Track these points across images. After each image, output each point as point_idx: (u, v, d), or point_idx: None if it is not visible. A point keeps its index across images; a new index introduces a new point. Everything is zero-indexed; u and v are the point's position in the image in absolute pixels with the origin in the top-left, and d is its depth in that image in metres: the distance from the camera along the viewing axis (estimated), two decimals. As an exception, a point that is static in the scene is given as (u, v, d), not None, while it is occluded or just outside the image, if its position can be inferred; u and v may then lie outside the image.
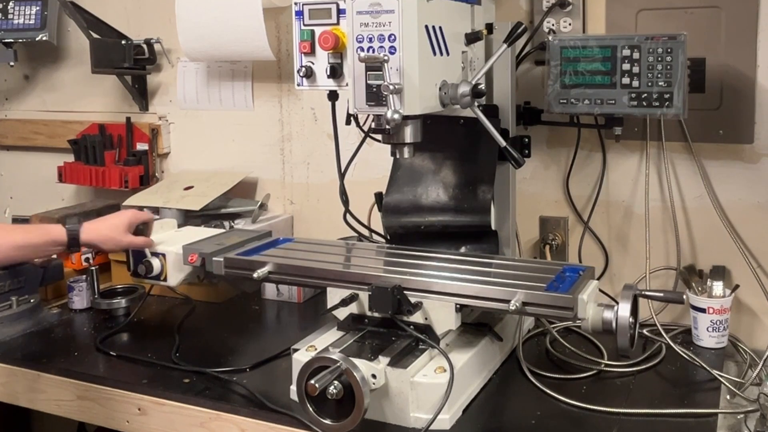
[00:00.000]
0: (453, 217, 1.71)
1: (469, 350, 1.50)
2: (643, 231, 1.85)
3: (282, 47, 2.27)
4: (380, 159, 1.91)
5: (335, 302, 1.50)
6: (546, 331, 1.77)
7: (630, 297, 1.37)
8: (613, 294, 1.91)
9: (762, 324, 1.81)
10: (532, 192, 2.00)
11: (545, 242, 1.98)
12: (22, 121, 2.76)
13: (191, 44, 2.25)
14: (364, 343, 1.44)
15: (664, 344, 1.69)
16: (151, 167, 2.46)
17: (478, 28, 1.66)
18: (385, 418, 1.39)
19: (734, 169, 1.80)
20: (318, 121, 2.28)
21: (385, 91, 1.38)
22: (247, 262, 1.65)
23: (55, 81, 2.70)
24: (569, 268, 1.54)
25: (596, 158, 1.93)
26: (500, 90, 1.74)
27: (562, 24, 1.88)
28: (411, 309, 1.44)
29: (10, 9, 2.51)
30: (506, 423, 1.44)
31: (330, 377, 1.28)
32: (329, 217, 2.16)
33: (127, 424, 1.59)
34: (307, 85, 1.67)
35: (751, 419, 1.41)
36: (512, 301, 1.37)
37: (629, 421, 1.41)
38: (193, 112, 2.47)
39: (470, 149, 1.71)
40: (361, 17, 1.41)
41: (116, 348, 1.78)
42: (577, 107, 1.70)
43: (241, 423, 1.47)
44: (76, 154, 2.50)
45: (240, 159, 2.40)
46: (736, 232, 1.80)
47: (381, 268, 1.59)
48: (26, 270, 1.96)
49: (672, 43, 1.60)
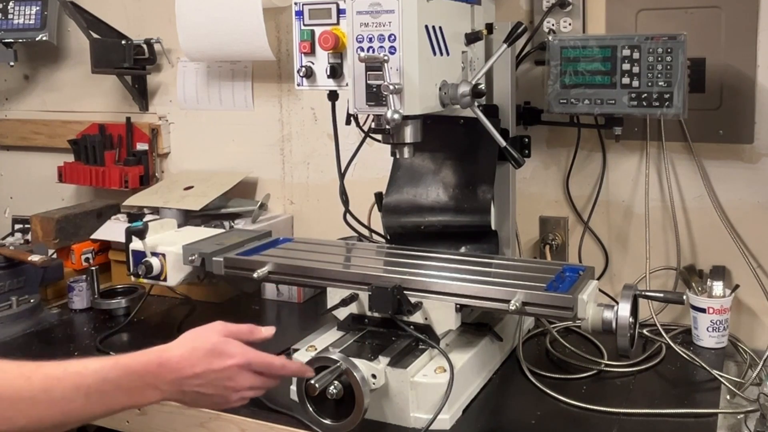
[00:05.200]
0: (453, 217, 1.71)
1: (469, 350, 1.50)
2: (643, 231, 1.85)
3: (282, 47, 2.27)
4: (380, 159, 1.91)
5: (335, 302, 1.50)
6: (546, 331, 1.77)
7: (630, 297, 1.37)
8: (613, 294, 1.91)
9: (762, 324, 1.81)
10: (532, 192, 2.00)
11: (545, 242, 1.98)
12: (22, 121, 2.76)
13: (191, 44, 2.25)
14: (364, 343, 1.44)
15: (664, 344, 1.69)
16: (151, 167, 2.46)
17: (478, 28, 1.66)
18: (385, 418, 1.39)
19: (734, 169, 1.80)
20: (318, 121, 2.28)
21: (385, 91, 1.38)
22: (247, 262, 1.65)
23: (55, 81, 2.70)
24: (569, 268, 1.54)
25: (596, 158, 1.93)
26: (500, 90, 1.74)
27: (562, 24, 1.88)
28: (411, 309, 1.44)
29: (10, 9, 2.50)
30: (506, 423, 1.44)
31: (330, 377, 1.28)
32: (329, 217, 2.16)
33: (127, 424, 1.59)
34: (307, 85, 1.67)
35: (751, 419, 1.41)
36: (512, 301, 1.37)
37: (629, 421, 1.41)
38: (193, 112, 2.47)
39: (470, 149, 1.71)
40: (361, 17, 1.41)
41: (116, 348, 1.78)
42: (577, 107, 1.70)
43: (241, 423, 1.47)
44: (76, 154, 2.50)
45: (240, 159, 2.40)
46: (736, 232, 1.80)
47: (381, 268, 1.59)
48: (26, 270, 1.96)
49: (672, 43, 1.60)
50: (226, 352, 1.21)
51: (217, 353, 1.20)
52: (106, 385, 1.13)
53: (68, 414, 1.10)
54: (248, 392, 1.25)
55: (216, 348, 1.21)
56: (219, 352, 1.21)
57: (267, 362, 1.25)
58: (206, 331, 1.24)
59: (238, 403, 1.25)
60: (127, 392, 1.15)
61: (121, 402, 1.16)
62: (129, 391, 1.15)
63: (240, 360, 1.21)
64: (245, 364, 1.22)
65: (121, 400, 1.15)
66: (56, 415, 1.09)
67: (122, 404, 1.16)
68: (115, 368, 1.15)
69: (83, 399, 1.11)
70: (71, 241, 2.24)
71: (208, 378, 1.20)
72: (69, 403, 1.10)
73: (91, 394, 1.11)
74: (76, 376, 1.12)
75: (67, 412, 1.10)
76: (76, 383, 1.11)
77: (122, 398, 1.15)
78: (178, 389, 1.19)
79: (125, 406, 1.17)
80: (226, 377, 1.21)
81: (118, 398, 1.15)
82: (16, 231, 2.61)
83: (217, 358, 1.20)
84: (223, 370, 1.20)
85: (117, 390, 1.14)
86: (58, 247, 2.21)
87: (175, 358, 1.19)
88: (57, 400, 1.09)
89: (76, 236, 2.26)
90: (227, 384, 1.21)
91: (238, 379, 1.22)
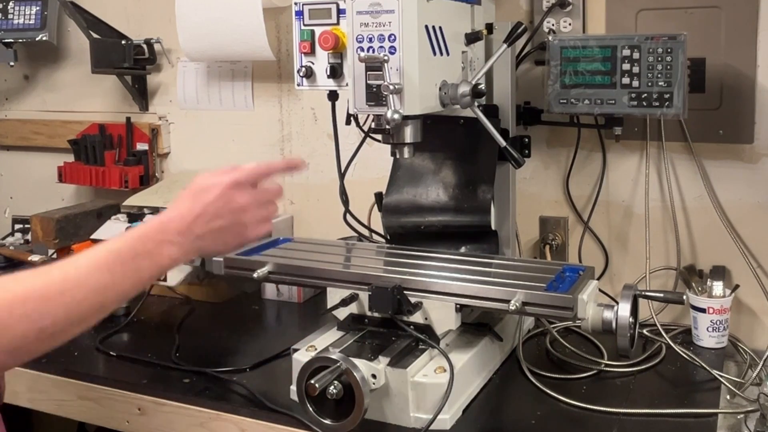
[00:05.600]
0: (453, 217, 1.71)
1: (469, 350, 1.50)
2: (643, 231, 1.85)
3: (282, 47, 2.27)
4: (380, 159, 1.91)
5: (335, 302, 1.50)
6: (546, 331, 1.77)
7: (630, 297, 1.37)
8: (613, 294, 1.91)
9: (762, 324, 1.81)
10: (532, 192, 2.00)
11: (545, 242, 1.98)
12: (22, 121, 2.76)
13: (191, 44, 2.25)
14: (364, 343, 1.44)
15: (664, 344, 1.69)
16: (151, 167, 2.46)
17: (478, 28, 1.66)
18: (385, 418, 1.38)
19: (734, 169, 1.80)
20: (318, 121, 2.28)
21: (385, 91, 1.38)
22: (247, 262, 1.65)
23: (55, 81, 2.70)
24: (569, 268, 1.54)
25: (596, 158, 1.93)
26: (500, 90, 1.74)
27: (562, 24, 1.88)
28: (411, 309, 1.43)
29: (10, 9, 2.50)
30: (506, 423, 1.45)
31: (330, 377, 1.28)
32: (329, 217, 2.16)
33: (127, 424, 1.59)
34: (307, 85, 1.67)
35: (751, 419, 1.41)
36: (512, 301, 1.37)
37: (629, 421, 1.41)
38: (193, 112, 2.47)
39: (470, 149, 1.71)
40: (361, 17, 1.41)
41: (116, 348, 1.78)
42: (577, 107, 1.70)
43: (241, 423, 1.47)
44: (76, 154, 2.50)
45: (240, 159, 2.35)
46: (736, 232, 1.80)
47: (381, 268, 1.59)
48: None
49: (672, 43, 1.60)
50: (210, 182, 1.23)
51: (204, 188, 1.23)
52: (123, 255, 1.13)
53: (100, 293, 1.09)
54: (258, 212, 1.27)
55: (199, 184, 1.24)
56: (203, 186, 1.23)
57: (252, 169, 1.27)
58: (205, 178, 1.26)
59: (259, 228, 1.28)
60: (146, 255, 1.15)
61: (145, 266, 1.15)
62: (147, 254, 1.15)
63: (227, 180, 1.23)
64: (234, 183, 1.24)
65: (143, 264, 1.15)
66: (90, 297, 1.07)
67: (147, 269, 1.16)
68: (124, 239, 1.15)
69: (108, 275, 1.10)
70: (71, 241, 2.24)
71: (210, 212, 1.21)
72: (97, 282, 1.08)
73: (113, 268, 1.11)
74: (93, 257, 1.10)
75: (98, 290, 1.08)
76: (94, 263, 1.10)
77: (144, 262, 1.15)
78: (192, 235, 1.20)
79: (151, 270, 1.16)
80: (225, 203, 1.22)
81: (141, 263, 1.14)
82: (16, 231, 2.61)
83: (205, 192, 1.22)
84: (218, 198, 1.22)
85: (136, 256, 1.14)
86: (58, 247, 2.22)
87: (172, 211, 1.21)
88: (84, 282, 1.07)
89: (76, 236, 2.26)
90: (232, 207, 1.23)
91: (238, 199, 1.23)
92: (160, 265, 1.18)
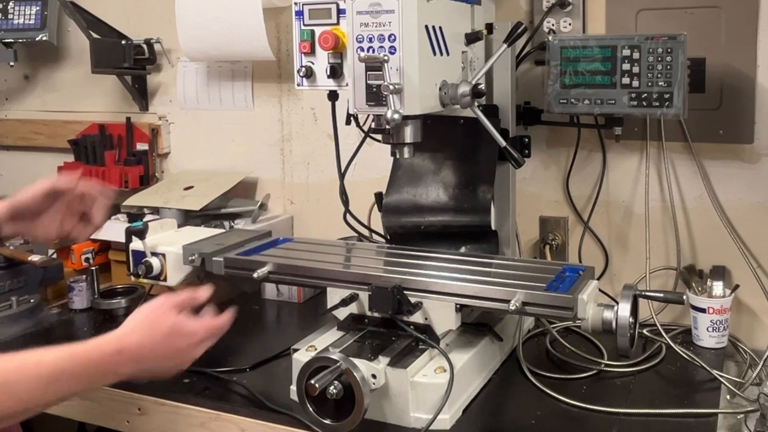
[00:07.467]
0: (453, 217, 1.71)
1: (469, 350, 1.50)
2: (643, 231, 1.85)
3: (282, 47, 2.27)
4: (380, 159, 1.91)
5: (335, 302, 1.50)
6: (546, 331, 1.77)
7: (630, 297, 1.37)
8: (613, 294, 1.91)
9: (762, 324, 1.81)
10: (532, 192, 2.00)
11: (545, 242, 1.98)
12: (22, 121, 2.76)
13: (191, 44, 2.25)
14: (364, 343, 1.44)
15: (664, 344, 1.69)
16: (151, 167, 2.46)
17: (478, 28, 1.66)
18: (385, 418, 1.38)
19: (734, 169, 1.80)
20: (318, 121, 2.28)
21: (385, 91, 1.38)
22: (247, 262, 1.65)
23: (55, 81, 2.70)
24: (569, 268, 1.54)
25: (596, 158, 1.93)
26: (500, 90, 1.74)
27: (562, 24, 1.88)
28: (411, 309, 1.43)
29: (10, 9, 2.51)
30: (506, 423, 1.44)
31: (330, 377, 1.28)
32: (329, 217, 2.16)
33: (127, 424, 1.59)
34: (307, 85, 1.67)
35: (751, 419, 1.41)
36: (512, 301, 1.37)
37: (629, 421, 1.41)
38: (193, 112, 2.47)
39: (470, 149, 1.71)
40: (361, 17, 1.41)
41: (116, 348, 1.78)
42: (577, 107, 1.70)
43: (241, 423, 1.47)
44: (76, 154, 2.50)
45: (240, 159, 2.40)
46: (736, 232, 1.80)
47: (381, 268, 1.59)
48: (26, 270, 1.96)
49: (672, 43, 1.60)
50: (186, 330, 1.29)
51: (178, 333, 1.27)
52: (64, 375, 1.16)
53: (25, 404, 1.13)
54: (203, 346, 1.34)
55: (175, 328, 1.27)
56: (178, 332, 1.28)
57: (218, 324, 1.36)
58: (158, 310, 1.29)
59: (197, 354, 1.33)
60: (85, 380, 1.19)
61: (79, 389, 1.20)
62: (87, 378, 1.19)
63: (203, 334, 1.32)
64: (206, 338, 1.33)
65: (78, 388, 1.19)
66: (13, 406, 1.11)
67: (80, 391, 1.21)
68: (71, 359, 1.17)
69: (41, 390, 1.13)
70: (71, 241, 2.24)
71: (169, 354, 1.28)
72: (26, 395, 1.12)
73: (49, 384, 1.14)
74: (35, 367, 1.14)
75: (24, 402, 1.12)
76: (34, 374, 1.13)
77: (80, 386, 1.19)
78: (137, 369, 1.25)
79: (83, 392, 1.23)
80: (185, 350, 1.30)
81: (76, 386, 1.19)
82: (16, 231, 2.61)
83: (179, 338, 1.28)
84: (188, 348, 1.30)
85: (74, 379, 1.17)
86: (58, 247, 2.21)
87: (135, 344, 1.23)
88: (14, 392, 1.11)
89: (76, 236, 2.25)
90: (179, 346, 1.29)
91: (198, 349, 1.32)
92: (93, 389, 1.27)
